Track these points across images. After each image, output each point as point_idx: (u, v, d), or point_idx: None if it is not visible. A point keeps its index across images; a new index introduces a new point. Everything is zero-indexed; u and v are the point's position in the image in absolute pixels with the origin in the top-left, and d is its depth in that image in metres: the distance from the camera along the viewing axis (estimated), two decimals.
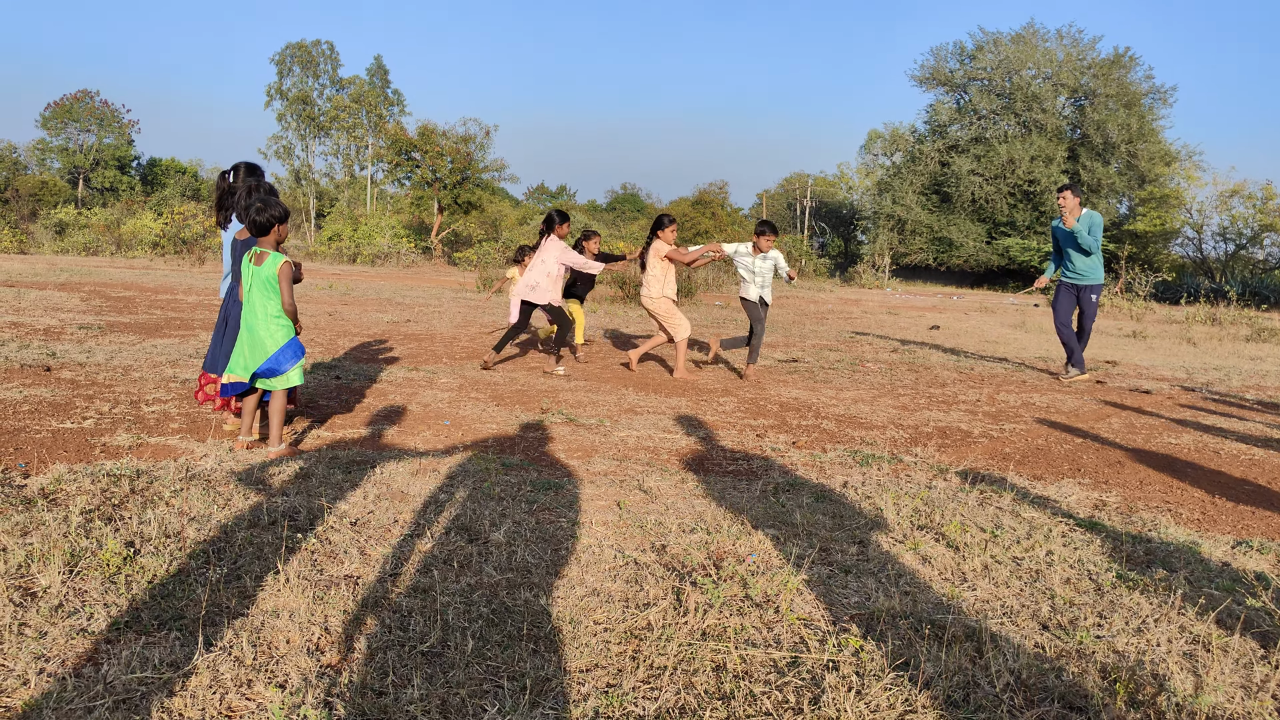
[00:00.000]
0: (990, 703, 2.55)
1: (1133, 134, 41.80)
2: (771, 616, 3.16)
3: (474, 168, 40.29)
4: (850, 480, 5.20)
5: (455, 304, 16.85)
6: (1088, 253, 9.89)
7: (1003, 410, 7.99)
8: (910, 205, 45.74)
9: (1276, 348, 15.51)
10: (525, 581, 3.40)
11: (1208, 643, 3.06)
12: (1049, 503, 4.94)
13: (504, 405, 7.11)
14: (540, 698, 2.56)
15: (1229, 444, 6.79)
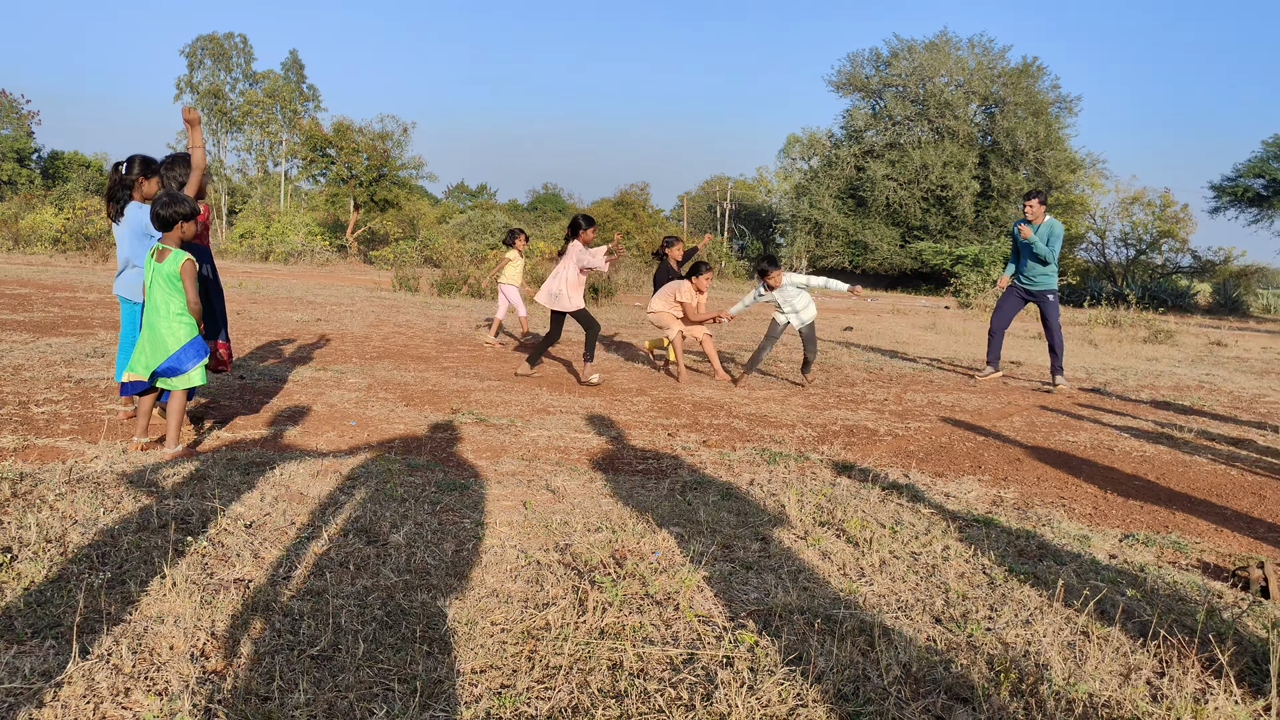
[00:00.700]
0: (878, 695, 2.59)
1: (1040, 141, 43.03)
2: (671, 614, 3.17)
3: (391, 165, 39.69)
4: (757, 478, 5.25)
5: (369, 303, 16.59)
6: (1044, 260, 9.97)
7: (909, 409, 8.15)
8: (827, 209, 46.42)
9: (1171, 349, 16.10)
10: (423, 583, 3.35)
11: (1089, 633, 3.16)
12: (949, 499, 5.05)
13: (413, 405, 7.02)
14: (431, 700, 2.52)
15: (1123, 441, 7.03)
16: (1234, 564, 4.15)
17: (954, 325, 19.26)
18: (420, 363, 9.42)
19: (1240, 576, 3.90)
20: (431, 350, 10.51)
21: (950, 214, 44.10)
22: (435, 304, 17.43)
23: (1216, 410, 8.86)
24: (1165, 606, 3.49)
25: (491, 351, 10.71)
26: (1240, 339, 20.24)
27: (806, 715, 2.49)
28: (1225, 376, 11.98)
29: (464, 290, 20.18)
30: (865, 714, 2.50)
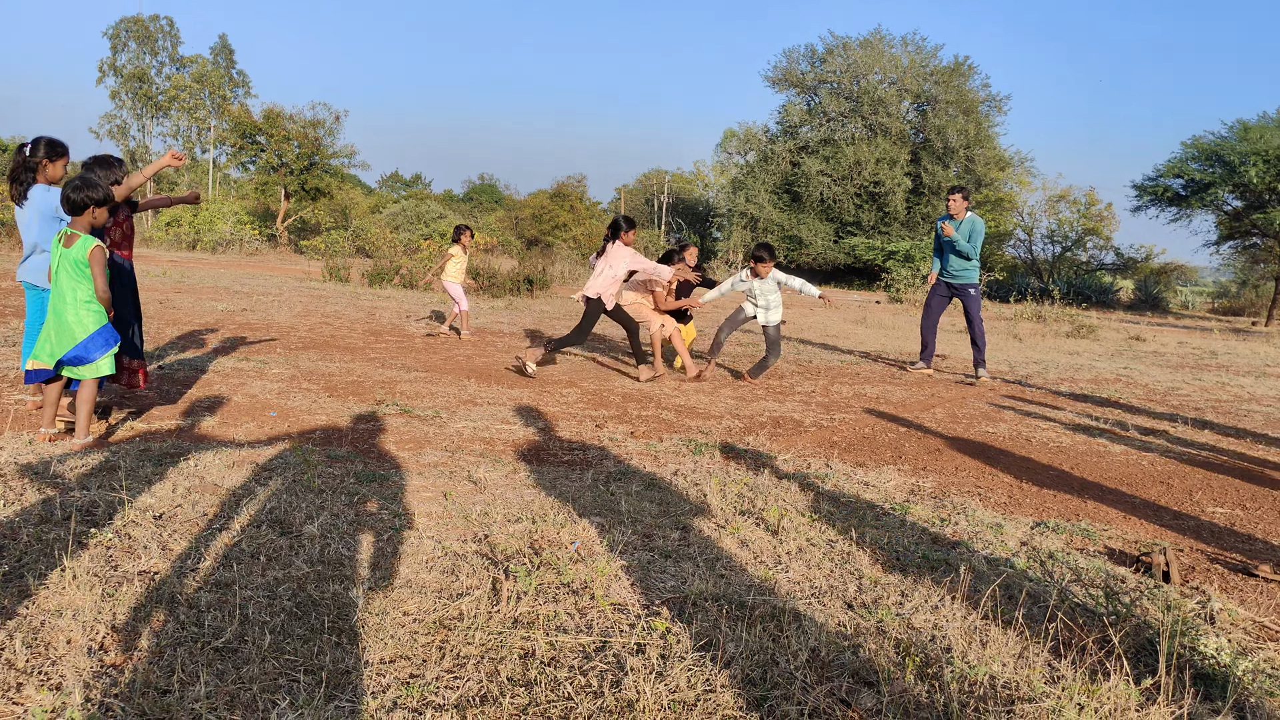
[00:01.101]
0: (785, 679, 2.62)
1: (970, 139, 43.82)
2: (586, 603, 3.17)
3: (323, 153, 39.08)
4: (681, 469, 5.27)
5: (298, 293, 16.31)
6: (965, 256, 10.21)
7: (835, 401, 8.25)
8: (763, 204, 46.76)
9: (1093, 344, 16.52)
10: (336, 574, 3.30)
11: (994, 617, 3.23)
12: (868, 488, 5.12)
13: (337, 396, 6.92)
14: (337, 691, 2.49)
15: (1040, 433, 7.19)
16: (1139, 550, 4.28)
17: (884, 319, 19.54)
18: (346, 353, 9.29)
19: (1144, 562, 4.01)
20: (359, 341, 10.37)
21: (883, 210, 44.70)
22: (365, 294, 17.21)
23: (1132, 402, 9.11)
24: (1069, 591, 3.58)
25: (430, 340, 10.60)
26: (1158, 334, 20.84)
27: (714, 700, 2.51)
28: (1142, 370, 12.32)
29: (396, 281, 19.95)
30: (772, 698, 2.52)
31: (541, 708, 2.45)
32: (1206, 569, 4.12)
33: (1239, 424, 8.13)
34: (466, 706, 2.44)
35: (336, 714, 2.37)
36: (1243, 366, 13.74)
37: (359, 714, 2.37)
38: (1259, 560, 4.25)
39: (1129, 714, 2.50)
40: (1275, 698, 2.79)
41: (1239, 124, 33.10)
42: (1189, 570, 4.08)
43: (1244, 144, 32.01)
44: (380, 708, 2.42)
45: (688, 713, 2.43)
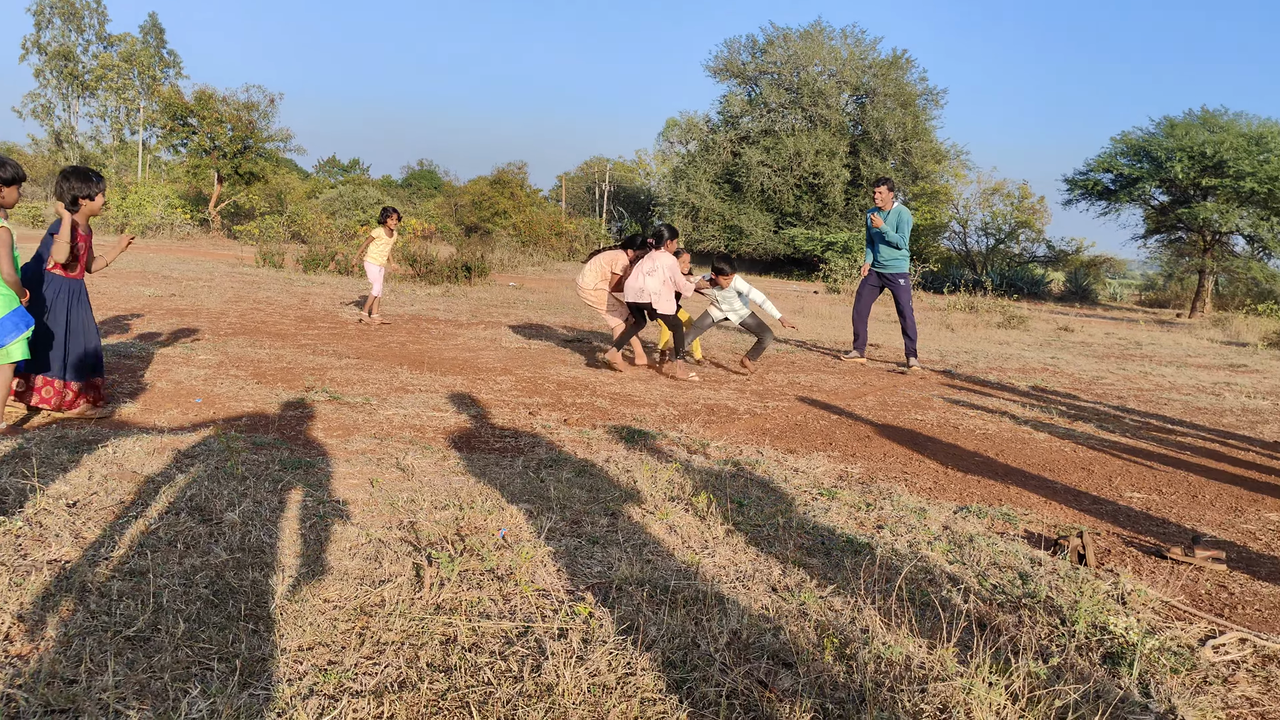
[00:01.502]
0: (705, 661, 2.64)
1: (908, 132, 44.36)
2: (510, 589, 3.16)
3: (257, 137, 38.32)
4: (613, 456, 5.28)
5: (229, 279, 16.00)
6: (895, 246, 10.43)
7: (769, 389, 8.32)
8: (704, 193, 46.89)
9: (1023, 334, 16.86)
10: (256, 561, 3.25)
11: (914, 599, 3.28)
12: (798, 474, 5.17)
13: (265, 383, 6.80)
14: (252, 678, 2.45)
15: (967, 420, 7.32)
16: (1057, 534, 4.38)
17: (821, 309, 19.74)
18: (277, 339, 9.14)
19: (1061, 545, 4.11)
20: (291, 327, 10.20)
21: (822, 201, 45.10)
22: (300, 280, 16.94)
23: (1057, 391, 9.32)
24: (987, 574, 3.66)
25: (362, 328, 10.46)
26: (1086, 325, 21.33)
27: (634, 683, 2.52)
28: (1069, 360, 12.60)
29: (331, 267, 19.67)
30: (691, 680, 2.54)
31: (460, 693, 2.44)
32: (1121, 552, 4.23)
33: (1159, 411, 8.36)
34: (385, 693, 2.42)
35: (250, 702, 2.33)
36: (1166, 357, 14.13)
37: (273, 702, 2.34)
38: (1171, 543, 4.38)
39: (1037, 692, 2.56)
40: (1179, 674, 2.88)
41: (1166, 121, 33.98)
42: (1105, 553, 4.19)
43: (1170, 140, 32.87)
44: (296, 695, 2.39)
45: (607, 696, 2.44)
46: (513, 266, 25.83)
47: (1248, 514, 5.09)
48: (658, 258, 8.81)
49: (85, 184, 5.38)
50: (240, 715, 2.26)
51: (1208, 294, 34.60)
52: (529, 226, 37.73)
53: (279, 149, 40.35)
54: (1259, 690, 2.86)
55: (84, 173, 5.43)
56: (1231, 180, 30.83)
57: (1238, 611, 3.58)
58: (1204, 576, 3.95)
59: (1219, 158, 31.09)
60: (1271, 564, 4.23)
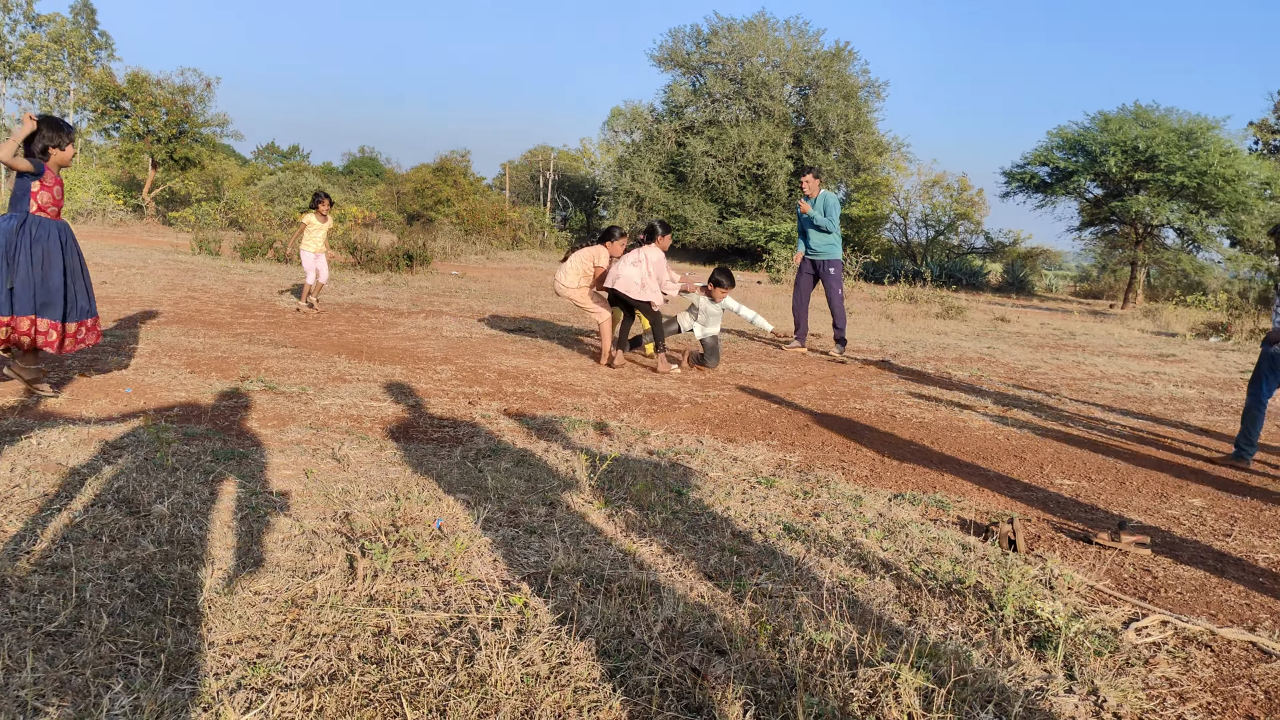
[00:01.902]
0: (639, 650, 2.65)
1: (850, 124, 44.71)
2: (445, 580, 3.14)
3: (193, 122, 37.48)
4: (553, 445, 5.26)
5: (164, 266, 15.65)
6: (826, 231, 10.59)
7: (710, 378, 8.35)
8: (648, 183, 46.86)
9: (960, 324, 17.12)
10: (185, 554, 3.19)
11: (849, 585, 3.32)
12: (737, 462, 5.20)
13: (198, 373, 6.67)
14: (177, 673, 2.41)
15: (904, 409, 7.42)
16: (988, 520, 4.46)
17: (764, 299, 19.85)
18: (212, 328, 8.96)
19: (992, 531, 4.19)
20: (226, 316, 10.01)
21: (765, 192, 45.32)
22: (237, 268, 16.62)
23: (993, 380, 9.48)
24: (919, 560, 3.72)
25: (300, 315, 10.30)
26: (1022, 315, 21.72)
27: (568, 673, 2.52)
28: (1004, 349, 12.83)
29: (270, 255, 19.33)
30: (625, 669, 2.55)
31: (392, 685, 2.42)
32: (1051, 537, 4.32)
33: (1091, 400, 8.55)
34: (314, 685, 2.39)
35: (175, 697, 2.29)
36: (1098, 347, 14.44)
37: (199, 696, 2.30)
38: (1099, 529, 4.48)
39: (965, 675, 2.61)
40: (1102, 656, 2.95)
41: (1100, 115, 34.65)
42: (1034, 539, 4.28)
43: (1104, 135, 33.52)
44: (223, 689, 2.35)
45: (540, 686, 2.44)
46: (455, 255, 25.60)
47: (1172, 500, 5.23)
48: (647, 252, 8.78)
49: (56, 133, 5.35)
50: (165, 710, 2.22)
51: (1140, 286, 35.41)
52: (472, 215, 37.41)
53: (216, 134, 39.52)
54: (1178, 671, 2.95)
55: (55, 121, 5.42)
56: (1163, 174, 31.54)
57: (1160, 595, 3.68)
58: (1129, 561, 4.06)
59: (1151, 152, 31.79)
60: (1194, 548, 4.35)
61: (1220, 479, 5.80)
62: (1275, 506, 5.21)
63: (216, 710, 2.23)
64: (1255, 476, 5.92)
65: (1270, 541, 4.52)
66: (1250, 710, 2.73)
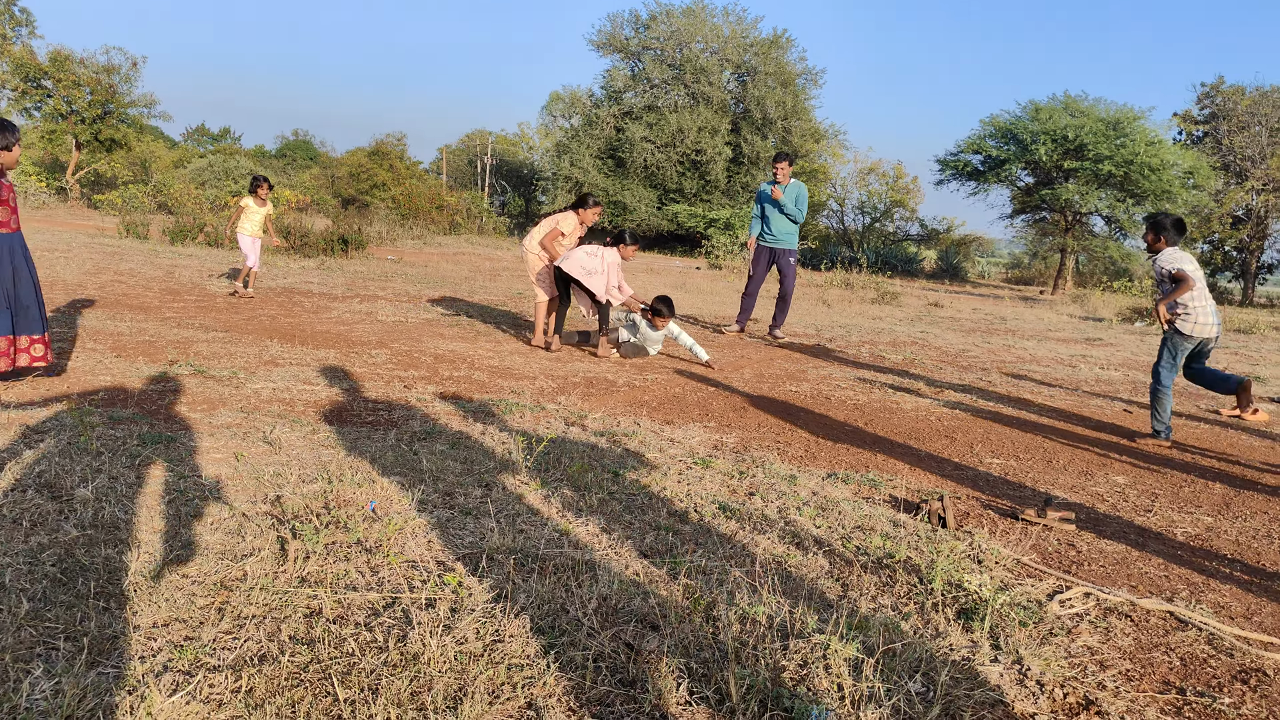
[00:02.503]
0: (573, 626, 2.65)
1: (788, 111, 44.98)
2: (379, 561, 3.11)
3: (118, 102, 36.44)
4: (489, 428, 5.24)
5: (89, 250, 15.23)
6: (793, 220, 10.58)
7: (649, 362, 8.37)
8: (587, 168, 46.69)
9: (895, 309, 17.36)
10: (110, 538, 3.12)
11: (782, 561, 3.36)
12: (674, 444, 5.23)
13: (125, 357, 6.51)
14: (101, 657, 2.36)
15: (840, 391, 7.51)
16: (919, 498, 4.55)
17: (703, 285, 19.93)
18: (139, 312, 8.75)
19: (923, 509, 4.27)
20: (154, 300, 9.78)
21: (704, 178, 45.45)
22: (166, 252, 16.24)
23: (926, 363, 9.64)
24: (851, 536, 3.77)
25: (231, 301, 10.09)
26: (955, 301, 22.09)
27: (502, 650, 2.52)
28: (937, 334, 13.04)
29: (200, 239, 18.92)
30: (559, 645, 2.55)
31: (323, 665, 2.39)
32: (980, 514, 4.42)
33: (1018, 382, 8.74)
34: (243, 666, 2.36)
35: (99, 680, 2.24)
36: (1028, 331, 14.75)
37: (124, 679, 2.26)
38: (1026, 505, 4.59)
39: (894, 645, 2.66)
40: (1026, 627, 3.02)
41: (1031, 104, 35.31)
42: (964, 516, 4.37)
43: (1035, 124, 34.17)
44: (149, 671, 2.31)
45: (474, 663, 2.43)
46: (391, 240, 25.27)
47: (1097, 477, 5.37)
48: (606, 252, 8.71)
49: (1, 134, 5.10)
50: (87, 694, 2.18)
51: (1069, 272, 36.23)
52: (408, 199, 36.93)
53: (143, 115, 38.42)
54: (1099, 640, 3.03)
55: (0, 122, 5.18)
56: (1091, 163, 32.26)
57: (1084, 568, 3.78)
58: (1054, 536, 4.16)
59: (1080, 141, 32.50)
60: (1116, 523, 4.47)
61: (1143, 457, 5.97)
62: (1195, 483, 5.38)
63: (141, 693, 2.19)
64: (1176, 453, 6.11)
65: (1189, 516, 4.67)
66: (1166, 676, 2.82)
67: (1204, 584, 3.70)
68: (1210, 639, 3.11)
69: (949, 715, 2.39)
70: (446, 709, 2.23)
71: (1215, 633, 3.15)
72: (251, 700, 2.22)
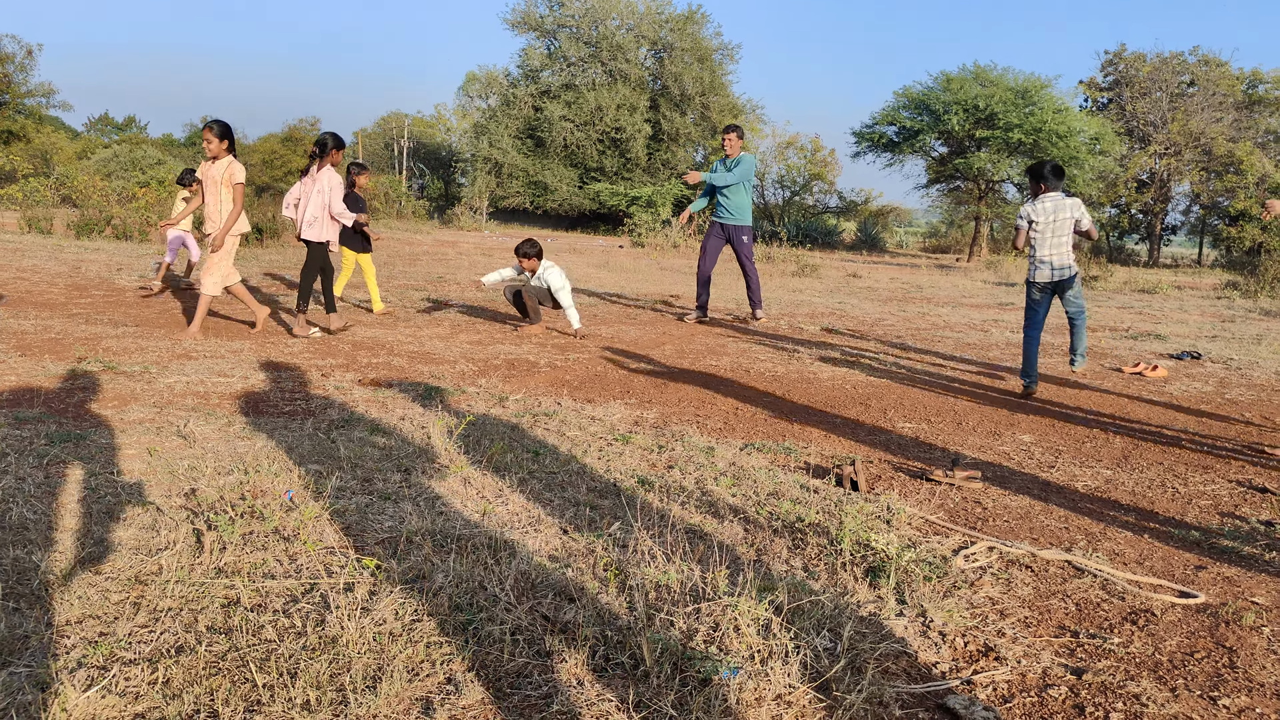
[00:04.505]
0: (491, 602, 2.70)
1: (705, 87, 45.13)
2: (297, 549, 3.12)
3: (14, 92, 35.18)
4: (408, 413, 5.24)
5: None
6: (744, 194, 10.06)
7: (570, 343, 8.41)
8: (506, 149, 46.32)
9: (815, 281, 17.63)
10: (18, 539, 3.08)
11: (699, 531, 3.45)
12: (595, 421, 5.29)
13: (30, 355, 6.35)
14: (12, 657, 2.34)
15: (759, 364, 7.64)
16: (833, 463, 4.68)
17: (625, 263, 19.99)
18: (44, 309, 8.51)
19: (836, 474, 4.40)
20: (60, 296, 9.51)
21: (625, 156, 45.42)
22: (71, 247, 15.75)
23: (843, 333, 9.84)
24: (765, 503, 3.88)
25: (141, 295, 9.86)
26: (873, 271, 22.49)
27: (421, 629, 2.56)
28: (855, 304, 13.30)
29: (108, 232, 18.38)
30: (477, 620, 2.60)
31: (241, 652, 2.41)
32: (891, 477, 4.56)
33: (934, 348, 8.98)
34: (160, 659, 2.36)
35: (10, 680, 2.23)
36: (943, 298, 15.11)
37: (37, 678, 2.25)
38: (936, 466, 4.75)
39: (801, 604, 2.76)
40: (931, 581, 3.15)
41: (943, 75, 35.95)
42: (876, 479, 4.51)
43: (947, 94, 34.81)
44: (62, 669, 2.30)
45: (393, 642, 2.47)
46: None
47: (1004, 437, 5.57)
48: (320, 177, 8.06)
49: None
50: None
51: (984, 239, 37.06)
52: None
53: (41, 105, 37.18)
54: (1000, 591, 3.18)
55: None
56: (1002, 132, 32.99)
57: (989, 524, 3.94)
58: (961, 494, 4.32)
59: (990, 110, 33.21)
60: (1021, 479, 4.66)
61: (1049, 415, 6.20)
62: (1097, 438, 5.61)
63: (55, 689, 2.19)
64: (1083, 413, 6.35)
65: (1089, 470, 4.87)
66: (1062, 621, 2.97)
67: (1101, 533, 3.88)
68: (1104, 584, 3.28)
69: (854, 667, 2.50)
70: (366, 688, 2.27)
71: (1109, 579, 3.32)
72: (169, 691, 2.23)
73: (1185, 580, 3.38)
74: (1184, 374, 8.04)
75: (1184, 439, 5.69)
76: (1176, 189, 41.45)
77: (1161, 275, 25.33)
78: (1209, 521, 4.12)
